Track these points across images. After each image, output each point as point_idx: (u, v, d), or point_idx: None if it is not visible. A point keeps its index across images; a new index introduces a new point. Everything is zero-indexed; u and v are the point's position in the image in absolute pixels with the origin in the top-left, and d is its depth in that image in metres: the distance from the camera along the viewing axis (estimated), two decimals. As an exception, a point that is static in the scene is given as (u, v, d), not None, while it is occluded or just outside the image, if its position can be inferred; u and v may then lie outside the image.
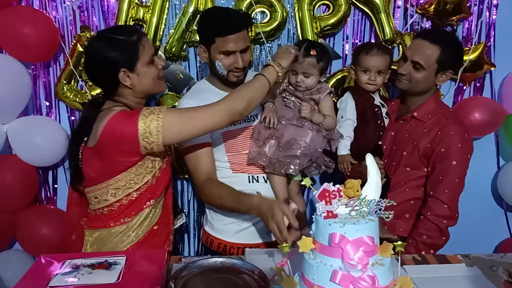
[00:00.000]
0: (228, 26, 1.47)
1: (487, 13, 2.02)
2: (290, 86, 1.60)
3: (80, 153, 1.38)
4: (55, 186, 2.17)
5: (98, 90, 2.02)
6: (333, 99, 1.66)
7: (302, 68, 1.52)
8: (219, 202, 1.52)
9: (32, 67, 2.04)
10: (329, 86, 1.84)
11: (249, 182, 1.58)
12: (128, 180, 1.34)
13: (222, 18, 1.50)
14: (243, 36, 1.50)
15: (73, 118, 2.09)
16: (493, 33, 2.04)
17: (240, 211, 1.49)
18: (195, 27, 1.94)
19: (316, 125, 1.55)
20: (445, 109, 1.70)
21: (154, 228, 1.43)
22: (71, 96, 2.01)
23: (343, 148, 1.57)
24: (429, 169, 1.59)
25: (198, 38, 1.62)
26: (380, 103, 1.69)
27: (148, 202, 1.40)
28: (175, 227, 1.61)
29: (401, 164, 1.64)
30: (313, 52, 1.51)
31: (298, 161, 1.50)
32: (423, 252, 1.53)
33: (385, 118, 1.70)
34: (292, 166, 1.49)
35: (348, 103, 1.62)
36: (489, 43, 2.05)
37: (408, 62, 1.58)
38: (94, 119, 1.34)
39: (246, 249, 1.45)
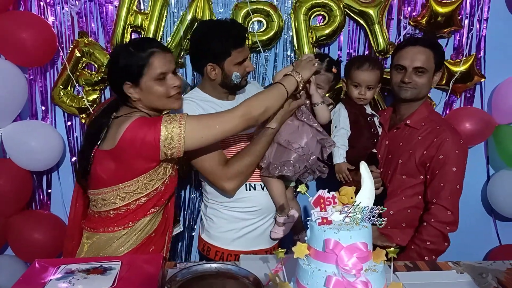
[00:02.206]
0: (242, 38, 1.53)
1: (478, 26, 2.07)
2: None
3: (92, 155, 1.39)
4: (49, 191, 2.16)
5: (95, 96, 2.03)
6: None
7: (319, 79, 1.56)
8: (253, 158, 1.53)
9: (29, 71, 2.04)
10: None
11: (246, 190, 1.59)
12: (140, 185, 1.36)
13: (234, 32, 1.52)
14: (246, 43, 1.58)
15: (69, 123, 2.09)
16: (483, 45, 2.09)
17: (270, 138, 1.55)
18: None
19: (315, 124, 1.57)
20: (437, 116, 1.76)
21: (152, 235, 1.44)
22: (68, 101, 2.01)
23: (339, 157, 1.58)
24: (428, 176, 1.62)
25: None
26: (371, 113, 1.72)
27: (152, 209, 1.41)
28: (171, 235, 1.60)
29: (397, 172, 1.67)
30: (334, 70, 1.57)
31: (292, 163, 1.52)
32: (426, 258, 1.56)
33: (378, 127, 1.73)
34: (286, 167, 1.52)
35: (341, 113, 1.64)
36: (479, 55, 2.10)
37: (410, 70, 1.61)
38: (110, 123, 1.36)
39: (241, 255, 1.46)
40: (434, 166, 1.60)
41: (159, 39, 1.97)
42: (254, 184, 1.60)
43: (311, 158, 1.55)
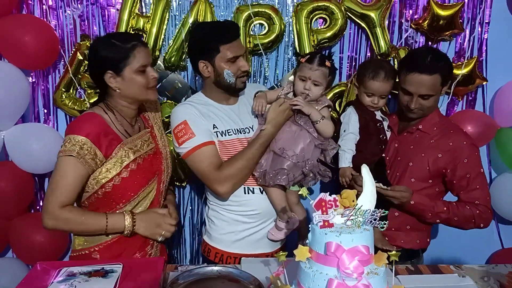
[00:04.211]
0: (231, 33, 1.53)
1: (479, 29, 2.08)
2: (288, 95, 1.61)
3: None
4: (51, 193, 2.17)
5: (97, 99, 2.04)
6: (332, 113, 1.66)
7: (315, 75, 1.52)
8: (245, 162, 1.52)
9: (32, 74, 2.05)
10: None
11: (245, 193, 1.58)
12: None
13: (222, 28, 1.55)
14: (241, 41, 1.58)
15: (71, 125, 2.10)
16: (485, 48, 2.09)
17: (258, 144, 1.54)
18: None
19: (311, 129, 1.54)
20: (447, 121, 1.75)
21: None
22: (70, 104, 2.02)
23: (344, 161, 1.57)
24: (454, 181, 1.61)
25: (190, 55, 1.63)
26: (381, 117, 1.71)
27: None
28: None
29: (406, 175, 1.65)
30: (327, 64, 1.53)
31: (286, 171, 1.50)
32: (437, 221, 1.58)
33: (387, 131, 1.72)
34: (279, 177, 1.50)
35: (351, 117, 1.63)
36: (481, 58, 2.10)
37: (416, 98, 1.59)
38: None
39: (242, 258, 1.46)
40: (463, 170, 1.59)
41: (160, 42, 1.98)
42: (253, 188, 1.59)
43: (308, 164, 1.52)
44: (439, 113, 1.74)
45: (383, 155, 1.69)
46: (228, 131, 1.58)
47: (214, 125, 1.56)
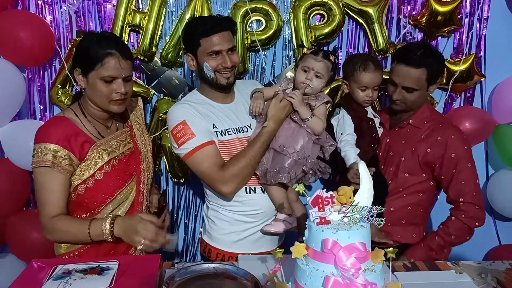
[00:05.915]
0: (211, 26, 1.50)
1: (478, 25, 2.07)
2: (286, 91, 1.59)
3: None
4: (47, 190, 2.16)
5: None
6: (329, 109, 1.65)
7: (318, 66, 1.51)
8: (248, 161, 1.50)
9: (27, 71, 2.04)
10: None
11: (246, 192, 1.57)
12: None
13: (205, 21, 1.55)
14: (228, 36, 1.53)
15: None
16: (483, 44, 2.09)
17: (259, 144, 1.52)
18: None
19: (304, 125, 1.53)
20: (439, 115, 1.76)
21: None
22: (66, 100, 2.01)
23: (350, 159, 1.54)
24: (442, 176, 1.61)
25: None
26: (373, 114, 1.71)
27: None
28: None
29: (400, 170, 1.66)
30: (332, 58, 1.53)
31: (287, 169, 1.50)
32: (445, 250, 1.59)
33: (379, 128, 1.72)
34: (280, 175, 1.49)
35: (345, 119, 1.62)
36: (479, 54, 2.10)
37: (400, 88, 1.60)
38: None
39: (239, 255, 1.45)
40: (449, 165, 1.59)
41: (157, 39, 1.97)
42: (255, 188, 1.58)
43: (309, 161, 1.51)
44: (430, 107, 1.75)
45: (376, 151, 1.68)
46: (228, 130, 1.56)
47: (213, 124, 1.54)
